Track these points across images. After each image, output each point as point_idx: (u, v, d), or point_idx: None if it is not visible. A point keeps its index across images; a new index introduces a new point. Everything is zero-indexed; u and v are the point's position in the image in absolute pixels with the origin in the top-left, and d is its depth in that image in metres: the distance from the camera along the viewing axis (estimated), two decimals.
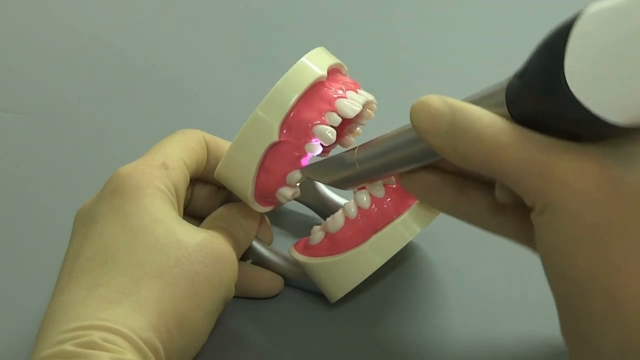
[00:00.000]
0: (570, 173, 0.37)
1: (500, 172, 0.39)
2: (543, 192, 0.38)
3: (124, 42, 0.75)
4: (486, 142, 0.39)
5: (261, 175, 0.50)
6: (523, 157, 0.38)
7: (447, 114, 0.40)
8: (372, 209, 0.51)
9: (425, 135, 0.41)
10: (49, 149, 0.65)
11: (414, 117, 0.41)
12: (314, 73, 0.49)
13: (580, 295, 0.38)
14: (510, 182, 0.39)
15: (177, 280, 0.45)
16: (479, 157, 0.40)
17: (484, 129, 0.39)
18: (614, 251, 0.37)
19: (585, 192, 0.37)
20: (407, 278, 0.55)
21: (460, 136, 0.40)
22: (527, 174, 0.38)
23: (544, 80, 0.37)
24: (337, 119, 0.49)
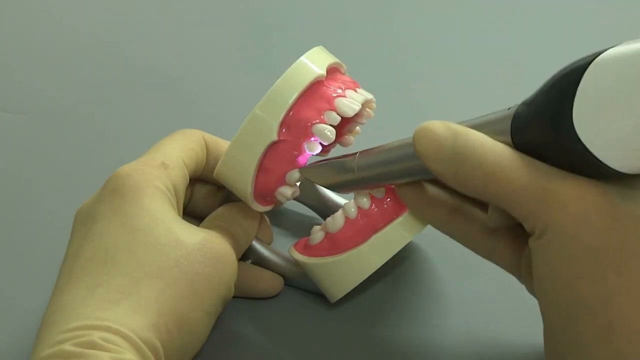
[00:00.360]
0: (571, 197, 0.38)
1: (500, 197, 0.39)
2: (543, 215, 0.38)
3: (124, 42, 0.75)
4: (487, 167, 0.39)
5: (260, 174, 0.50)
6: (524, 182, 0.38)
7: (450, 140, 0.41)
8: (372, 209, 0.51)
9: (427, 160, 0.42)
10: (49, 149, 0.65)
11: (416, 142, 0.42)
12: (313, 72, 0.49)
13: (573, 322, 0.38)
14: (510, 206, 0.39)
15: (176, 280, 0.45)
16: (478, 183, 0.40)
17: (485, 154, 0.40)
18: (612, 276, 0.37)
19: (585, 217, 0.37)
20: (407, 278, 0.55)
21: (461, 162, 0.40)
22: (527, 199, 0.39)
23: (552, 116, 0.37)
24: (337, 118, 0.49)
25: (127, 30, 0.77)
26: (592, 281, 0.37)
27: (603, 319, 0.37)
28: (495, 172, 0.39)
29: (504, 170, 0.39)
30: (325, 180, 0.50)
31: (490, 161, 0.39)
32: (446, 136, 0.41)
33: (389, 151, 0.47)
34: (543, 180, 0.38)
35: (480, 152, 0.40)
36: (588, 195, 0.38)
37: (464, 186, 0.41)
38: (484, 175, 0.40)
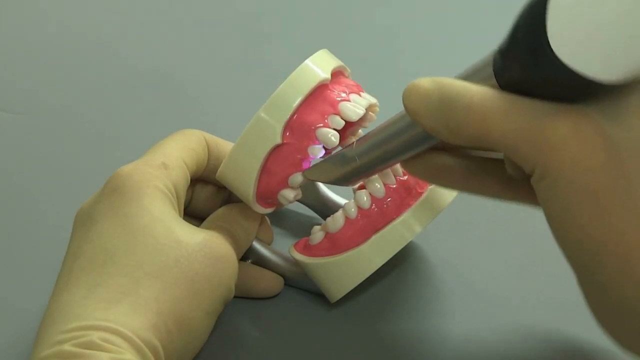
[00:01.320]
0: (564, 138, 0.37)
1: (495, 144, 0.39)
2: (539, 159, 0.38)
3: (124, 43, 0.75)
4: (475, 113, 0.39)
5: (263, 177, 0.50)
6: (515, 126, 0.38)
7: (436, 92, 0.41)
8: (372, 209, 0.51)
9: (417, 116, 0.41)
10: (49, 149, 0.65)
11: (405, 100, 0.42)
12: (318, 76, 0.49)
13: (592, 258, 0.38)
14: (507, 152, 0.39)
15: (176, 280, 0.45)
16: (470, 131, 0.39)
17: (471, 99, 0.39)
18: (616, 214, 0.37)
19: (580, 158, 0.37)
20: (407, 278, 0.55)
21: (449, 111, 0.40)
22: (521, 143, 0.38)
23: (527, 44, 0.37)
24: (341, 122, 0.49)
25: (128, 31, 0.77)
26: (598, 222, 0.37)
27: (618, 256, 0.37)
28: (484, 116, 0.39)
29: (492, 113, 0.38)
30: (329, 176, 0.50)
31: (477, 105, 0.39)
32: (432, 88, 0.41)
33: (385, 129, 0.47)
34: (534, 121, 0.38)
35: (467, 98, 0.39)
36: (581, 132, 0.37)
37: (458, 137, 0.40)
38: (473, 121, 0.39)
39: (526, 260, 0.56)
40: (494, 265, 0.56)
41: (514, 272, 0.55)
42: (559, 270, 0.55)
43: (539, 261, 0.56)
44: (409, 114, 0.42)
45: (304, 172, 0.50)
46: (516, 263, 0.56)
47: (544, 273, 0.55)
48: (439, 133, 0.41)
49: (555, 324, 0.52)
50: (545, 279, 0.55)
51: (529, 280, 0.55)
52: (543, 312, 0.53)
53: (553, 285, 0.54)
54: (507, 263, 0.56)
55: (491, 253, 0.56)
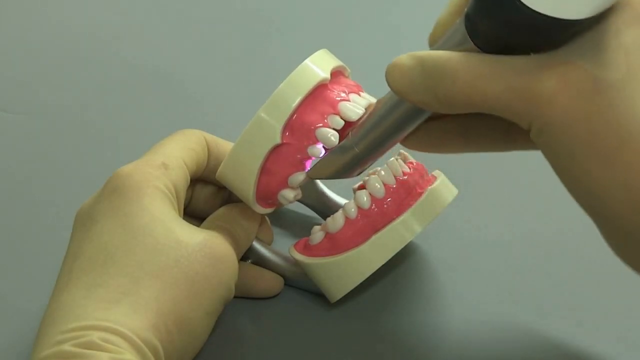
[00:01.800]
0: (554, 89, 0.38)
1: (486, 107, 0.39)
2: (534, 115, 0.38)
3: (124, 43, 0.75)
4: (462, 80, 0.39)
5: (263, 177, 0.50)
6: (503, 86, 0.38)
7: (418, 67, 0.41)
8: (372, 209, 0.51)
9: (404, 94, 0.42)
10: (49, 149, 0.65)
11: (389, 80, 0.42)
12: (317, 76, 0.49)
13: (604, 201, 0.38)
14: (501, 113, 0.39)
15: (176, 280, 0.45)
16: (460, 98, 0.40)
17: (455, 67, 0.39)
18: (618, 156, 0.37)
19: (573, 107, 0.37)
20: (407, 278, 0.55)
21: (435, 83, 0.40)
22: (513, 102, 0.38)
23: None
24: (340, 122, 0.49)
25: (128, 30, 0.77)
26: (604, 164, 0.38)
27: (628, 191, 0.38)
28: (471, 82, 0.39)
29: (479, 78, 0.39)
30: (331, 170, 0.50)
31: (463, 72, 0.39)
32: (414, 64, 0.41)
33: (377, 112, 0.47)
34: (521, 78, 0.38)
35: (450, 66, 0.40)
36: (568, 80, 0.37)
37: (449, 106, 0.40)
38: (462, 88, 0.39)
39: (526, 260, 0.56)
40: (494, 265, 0.56)
41: (513, 272, 0.55)
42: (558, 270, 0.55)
43: (539, 261, 0.56)
44: (396, 93, 0.42)
45: (307, 173, 0.50)
46: (516, 263, 0.56)
47: (544, 273, 0.55)
48: (429, 106, 0.41)
49: (554, 324, 0.52)
50: (544, 278, 0.55)
51: (529, 280, 0.55)
52: (543, 312, 0.53)
53: (553, 285, 0.54)
54: (507, 263, 0.56)
55: (491, 253, 0.56)
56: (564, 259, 0.56)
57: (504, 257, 0.56)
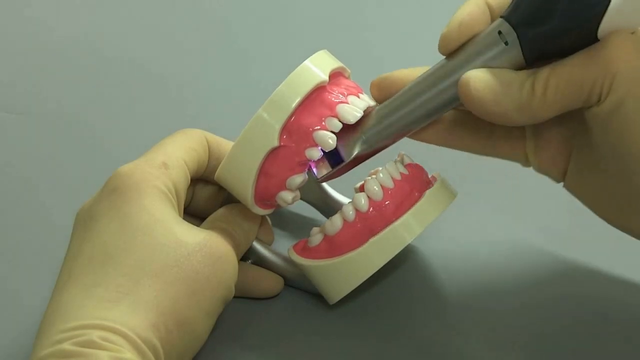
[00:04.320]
0: (625, 60, 0.41)
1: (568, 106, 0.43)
2: (605, 80, 0.41)
3: (124, 43, 0.75)
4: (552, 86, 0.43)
5: (261, 179, 0.50)
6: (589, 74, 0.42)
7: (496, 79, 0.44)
8: (370, 212, 0.51)
9: (486, 105, 0.44)
10: (49, 149, 0.65)
11: (470, 92, 0.44)
12: (316, 77, 0.49)
13: None
14: (577, 105, 0.43)
15: (176, 280, 0.45)
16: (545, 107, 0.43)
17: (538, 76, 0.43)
18: None
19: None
20: (406, 280, 0.55)
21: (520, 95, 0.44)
22: (593, 89, 0.42)
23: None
24: (338, 125, 0.49)
25: (128, 30, 0.77)
26: None
27: None
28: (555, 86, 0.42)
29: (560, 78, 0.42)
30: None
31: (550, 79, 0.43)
32: (493, 78, 0.44)
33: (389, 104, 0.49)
34: (594, 63, 0.41)
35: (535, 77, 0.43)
36: (631, 50, 0.40)
37: (534, 117, 0.44)
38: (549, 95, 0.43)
39: (526, 261, 0.56)
40: (494, 265, 0.56)
41: (513, 272, 0.55)
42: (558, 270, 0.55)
43: (539, 262, 0.56)
44: (477, 105, 0.44)
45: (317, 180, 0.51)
46: (516, 264, 0.56)
47: (544, 273, 0.55)
48: (505, 118, 0.44)
49: (555, 325, 0.52)
50: (545, 279, 0.55)
51: (529, 281, 0.55)
52: (543, 312, 0.53)
53: (553, 285, 0.54)
54: (507, 264, 0.56)
55: (490, 254, 0.56)
56: (564, 259, 0.56)
57: (504, 259, 0.56)
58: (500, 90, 0.44)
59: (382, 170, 0.52)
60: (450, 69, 0.46)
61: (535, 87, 0.43)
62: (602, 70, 0.41)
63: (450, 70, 0.46)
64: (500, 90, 0.44)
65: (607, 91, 0.41)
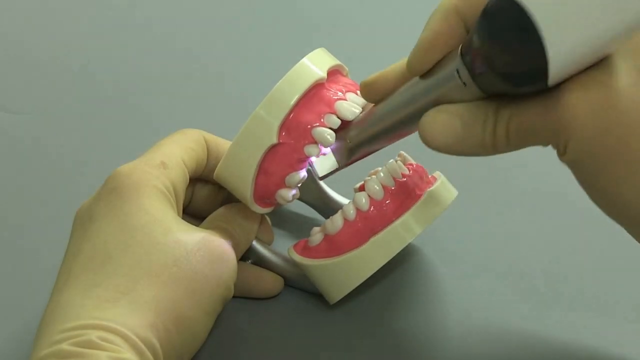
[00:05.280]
0: (571, 108, 0.38)
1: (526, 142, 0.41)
2: (558, 136, 0.39)
3: (123, 42, 0.75)
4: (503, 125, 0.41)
5: (260, 177, 0.50)
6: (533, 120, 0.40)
7: (457, 119, 0.42)
8: (371, 211, 0.51)
9: (449, 146, 0.43)
10: (49, 149, 0.65)
11: (431, 135, 0.43)
12: (314, 74, 0.49)
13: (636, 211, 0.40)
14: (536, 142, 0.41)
15: (175, 280, 0.45)
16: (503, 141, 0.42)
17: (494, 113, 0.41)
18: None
19: (591, 120, 0.38)
20: (406, 279, 0.55)
21: (478, 133, 0.42)
22: (542, 130, 0.40)
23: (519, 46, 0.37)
24: (336, 121, 0.49)
25: (126, 29, 0.77)
26: (630, 175, 0.39)
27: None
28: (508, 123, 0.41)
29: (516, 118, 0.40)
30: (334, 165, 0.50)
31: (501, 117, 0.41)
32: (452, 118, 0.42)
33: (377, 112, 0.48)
34: (544, 107, 0.39)
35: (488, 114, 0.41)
36: (582, 94, 0.38)
37: (496, 150, 0.42)
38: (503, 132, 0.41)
39: (526, 260, 0.56)
40: (494, 266, 0.56)
41: (513, 272, 0.55)
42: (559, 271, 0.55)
43: (539, 262, 0.56)
44: (439, 147, 0.43)
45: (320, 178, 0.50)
46: (516, 263, 0.56)
47: (544, 274, 0.55)
48: (472, 153, 0.43)
49: (555, 325, 0.52)
50: (545, 279, 0.55)
51: (529, 281, 0.55)
52: (543, 312, 0.53)
53: (553, 286, 0.54)
54: (507, 264, 0.56)
55: (490, 254, 0.56)
56: (564, 259, 0.56)
57: (504, 258, 0.56)
58: (461, 134, 0.42)
59: (382, 170, 0.52)
60: (418, 93, 0.44)
61: (497, 131, 0.41)
62: (557, 131, 0.39)
63: (419, 95, 0.44)
64: (461, 134, 0.42)
65: (564, 149, 0.40)
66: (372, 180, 0.51)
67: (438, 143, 0.42)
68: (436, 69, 0.43)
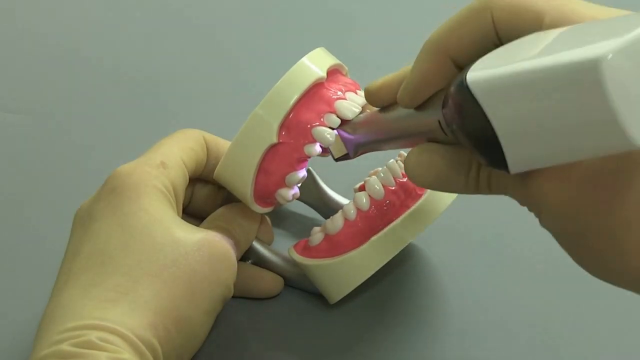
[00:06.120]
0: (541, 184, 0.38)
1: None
2: (531, 207, 0.39)
3: (124, 43, 0.75)
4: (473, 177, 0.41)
5: (260, 176, 0.50)
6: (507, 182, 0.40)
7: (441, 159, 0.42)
8: (372, 210, 0.51)
9: (433, 186, 0.43)
10: (49, 149, 0.65)
11: (414, 176, 0.43)
12: (314, 74, 0.49)
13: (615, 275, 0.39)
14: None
15: (174, 280, 0.45)
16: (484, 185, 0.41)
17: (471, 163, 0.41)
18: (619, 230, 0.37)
19: (565, 197, 0.37)
20: (406, 279, 0.55)
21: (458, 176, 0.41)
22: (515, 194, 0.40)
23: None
24: (336, 121, 0.49)
25: (128, 30, 0.77)
26: (606, 248, 0.38)
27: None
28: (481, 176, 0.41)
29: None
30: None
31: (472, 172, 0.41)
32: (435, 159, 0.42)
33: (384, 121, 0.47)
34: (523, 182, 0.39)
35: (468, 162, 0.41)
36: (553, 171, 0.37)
37: (476, 191, 0.42)
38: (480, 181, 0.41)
39: (526, 261, 0.56)
40: (493, 266, 0.56)
41: (513, 273, 0.55)
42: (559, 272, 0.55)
43: (539, 262, 0.56)
44: (423, 186, 0.43)
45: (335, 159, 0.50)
46: (516, 264, 0.56)
47: (544, 276, 0.55)
48: (454, 191, 0.42)
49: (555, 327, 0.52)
50: (544, 281, 0.55)
51: (529, 281, 0.55)
52: (543, 312, 0.53)
53: (553, 287, 0.54)
54: (507, 264, 0.56)
55: (490, 254, 0.56)
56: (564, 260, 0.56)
57: (504, 258, 0.56)
58: (444, 176, 0.41)
59: (383, 170, 0.52)
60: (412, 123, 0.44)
61: (479, 177, 0.41)
62: (529, 201, 0.39)
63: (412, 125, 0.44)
64: (444, 176, 0.41)
65: (539, 218, 0.39)
66: (372, 180, 0.51)
67: (422, 182, 0.42)
68: (427, 105, 0.42)
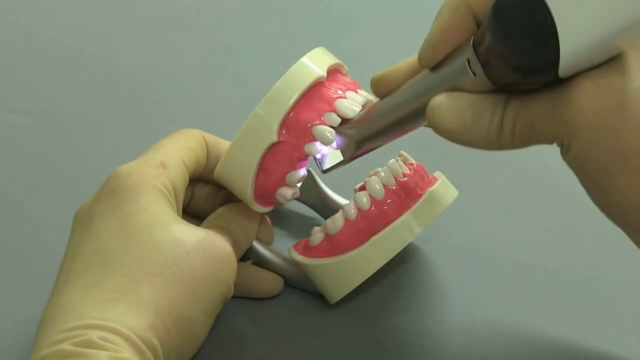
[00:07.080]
0: (577, 106, 0.38)
1: (530, 138, 0.41)
2: (563, 135, 0.39)
3: (124, 43, 0.75)
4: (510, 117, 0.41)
5: (260, 175, 0.50)
6: (538, 115, 0.40)
7: (468, 108, 0.42)
8: (372, 210, 0.51)
9: (455, 134, 0.43)
10: (49, 149, 0.65)
11: (439, 121, 0.42)
12: (314, 73, 0.49)
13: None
14: (539, 141, 0.41)
15: (175, 279, 0.45)
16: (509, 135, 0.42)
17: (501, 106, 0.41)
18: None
19: (599, 120, 0.38)
20: (407, 279, 0.55)
21: (485, 124, 0.42)
22: (546, 126, 0.40)
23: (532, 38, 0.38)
24: (337, 119, 0.49)
25: (128, 30, 0.77)
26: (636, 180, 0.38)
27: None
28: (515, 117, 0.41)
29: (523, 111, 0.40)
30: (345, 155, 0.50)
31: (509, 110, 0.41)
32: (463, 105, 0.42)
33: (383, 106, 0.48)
34: (550, 102, 0.39)
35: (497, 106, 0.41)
36: (590, 93, 0.38)
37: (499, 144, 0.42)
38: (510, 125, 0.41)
39: (526, 261, 0.56)
40: (494, 266, 0.56)
41: (514, 273, 0.55)
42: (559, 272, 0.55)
43: (539, 262, 0.56)
44: (445, 134, 0.43)
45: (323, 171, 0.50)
46: (516, 264, 0.56)
47: (545, 275, 0.55)
48: (473, 145, 0.43)
49: (555, 326, 0.52)
50: (545, 280, 0.55)
51: (529, 281, 0.55)
52: (543, 313, 0.53)
53: (554, 287, 0.54)
54: (507, 264, 0.56)
55: (491, 254, 0.56)
56: (564, 260, 0.56)
57: (504, 259, 0.56)
58: (468, 123, 0.42)
59: (383, 170, 0.52)
60: (429, 85, 0.45)
61: (503, 126, 0.41)
62: (562, 127, 0.39)
63: (427, 88, 0.45)
64: (468, 123, 0.42)
65: (568, 147, 0.39)
66: (373, 179, 0.51)
67: (446, 127, 0.43)
68: (446, 61, 0.44)
